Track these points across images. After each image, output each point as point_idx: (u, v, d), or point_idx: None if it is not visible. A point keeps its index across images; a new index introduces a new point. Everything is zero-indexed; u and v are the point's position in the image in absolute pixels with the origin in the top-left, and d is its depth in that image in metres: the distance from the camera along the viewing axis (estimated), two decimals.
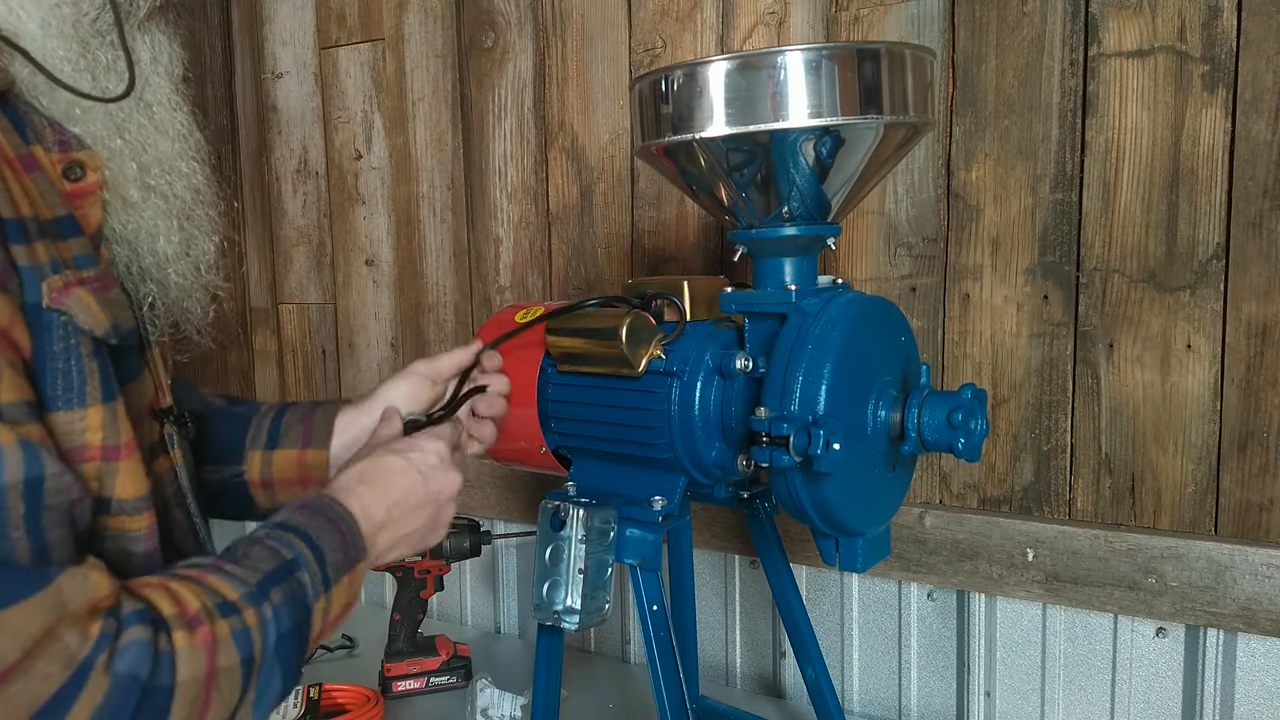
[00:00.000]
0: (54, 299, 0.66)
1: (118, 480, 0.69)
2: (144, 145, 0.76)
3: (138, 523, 0.72)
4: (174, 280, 0.79)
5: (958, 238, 1.31)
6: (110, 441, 0.69)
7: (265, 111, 1.95)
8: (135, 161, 0.76)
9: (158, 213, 0.77)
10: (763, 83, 0.88)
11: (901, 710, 1.41)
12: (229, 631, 0.66)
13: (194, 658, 0.63)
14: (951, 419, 0.92)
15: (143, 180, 0.76)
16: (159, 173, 0.77)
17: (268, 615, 0.69)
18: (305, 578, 0.72)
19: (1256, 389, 1.16)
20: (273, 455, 0.99)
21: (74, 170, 0.72)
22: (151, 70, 0.78)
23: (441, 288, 1.77)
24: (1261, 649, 1.17)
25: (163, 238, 0.77)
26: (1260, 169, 1.14)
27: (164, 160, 0.78)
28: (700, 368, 1.01)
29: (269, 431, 1.00)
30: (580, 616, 0.99)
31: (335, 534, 0.77)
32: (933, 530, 1.33)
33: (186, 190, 0.80)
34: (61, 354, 0.66)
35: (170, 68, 0.80)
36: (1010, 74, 1.26)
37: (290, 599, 0.71)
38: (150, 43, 0.78)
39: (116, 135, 0.75)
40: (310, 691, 1.40)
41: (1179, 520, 1.22)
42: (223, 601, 0.67)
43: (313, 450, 0.98)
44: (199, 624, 0.65)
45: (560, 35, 1.58)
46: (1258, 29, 1.12)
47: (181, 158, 0.80)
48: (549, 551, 1.01)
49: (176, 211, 0.79)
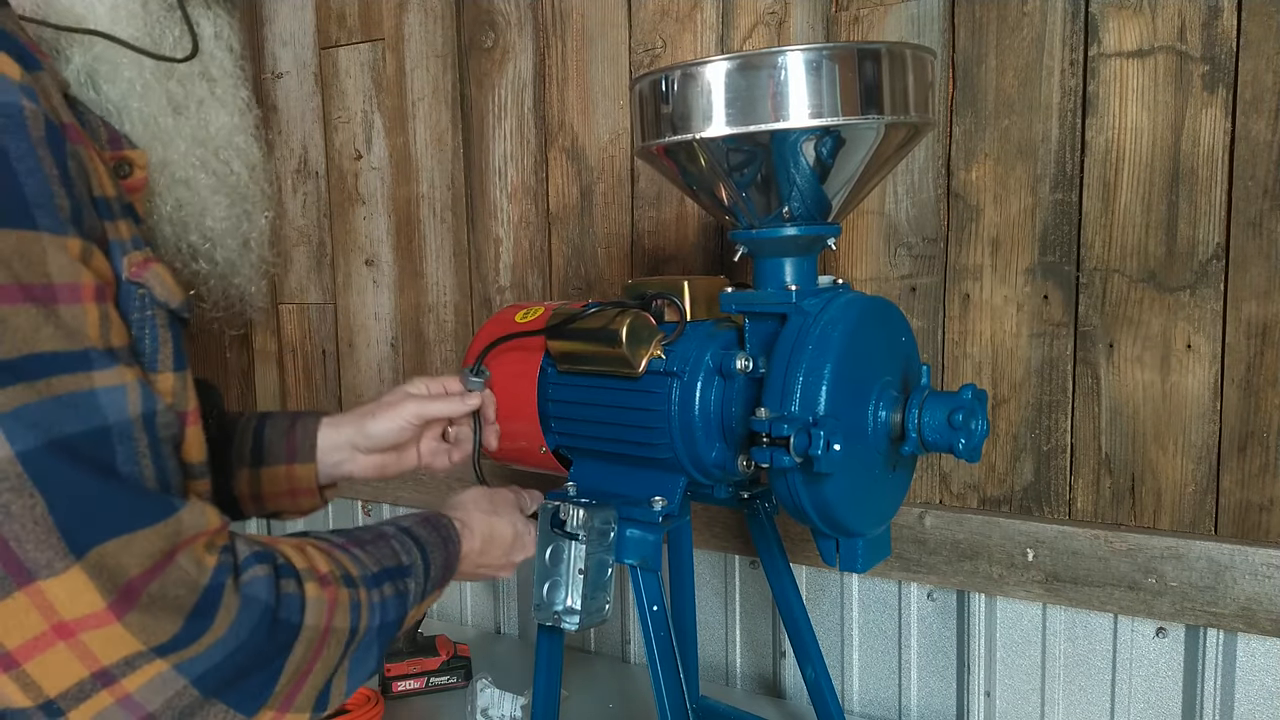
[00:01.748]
0: (134, 273, 0.70)
1: (187, 445, 0.73)
2: (202, 119, 0.79)
3: (204, 485, 0.76)
4: (220, 256, 0.82)
5: (958, 238, 1.31)
6: (181, 407, 0.72)
7: (265, 111, 1.95)
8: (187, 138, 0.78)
9: (206, 189, 0.80)
10: (763, 83, 0.88)
11: (901, 710, 1.41)
12: (349, 600, 0.73)
13: (319, 609, 0.70)
14: (952, 419, 0.92)
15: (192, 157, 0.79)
16: (214, 148, 0.80)
17: (377, 601, 0.76)
18: (411, 585, 0.81)
19: (1256, 389, 1.16)
20: (260, 473, 1.02)
21: (123, 167, 0.75)
22: (215, 45, 0.81)
23: (441, 288, 1.77)
24: (1261, 649, 1.17)
25: (210, 214, 0.80)
26: (1260, 169, 1.14)
27: (222, 133, 0.81)
28: (700, 368, 1.01)
29: (252, 448, 1.03)
30: (580, 617, 0.99)
31: (443, 553, 0.88)
32: (933, 530, 1.33)
33: (242, 165, 0.83)
34: (138, 323, 0.70)
35: (231, 44, 0.82)
36: (1010, 74, 1.26)
37: (396, 596, 0.79)
38: (212, 17, 0.81)
39: (171, 113, 0.77)
40: None
41: (1179, 520, 1.22)
42: (346, 574, 0.74)
43: (299, 465, 1.03)
44: (328, 583, 0.72)
45: (560, 35, 1.58)
46: (1258, 29, 1.12)
47: (239, 131, 0.82)
48: (549, 552, 1.01)
49: (229, 187, 0.82)
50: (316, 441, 1.03)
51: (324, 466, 1.04)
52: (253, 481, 1.02)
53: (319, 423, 1.04)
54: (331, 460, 1.04)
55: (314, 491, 1.04)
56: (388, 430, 1.04)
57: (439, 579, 0.87)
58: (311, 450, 1.03)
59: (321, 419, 1.05)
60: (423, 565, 0.84)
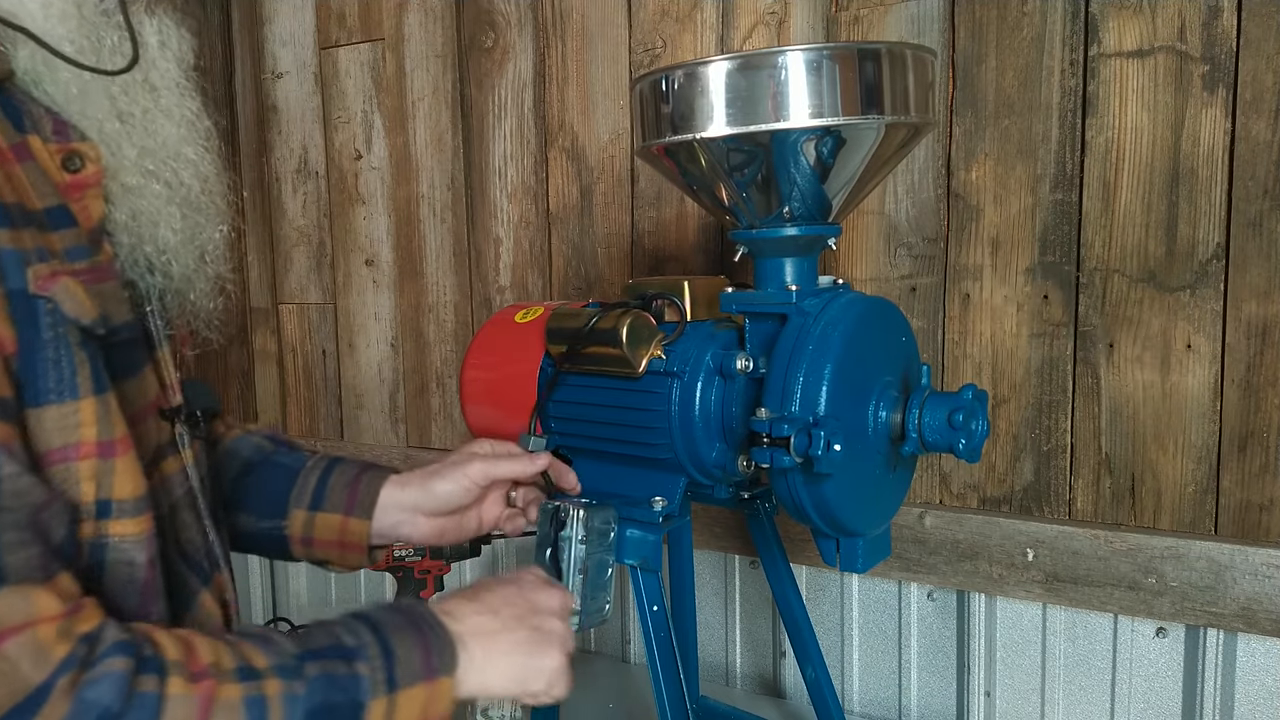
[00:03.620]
0: (40, 285, 0.64)
1: (115, 479, 0.68)
2: (147, 129, 0.75)
3: (138, 525, 0.69)
4: (176, 270, 0.78)
5: (958, 238, 1.31)
6: (105, 436, 0.67)
7: (265, 111, 1.95)
8: (136, 146, 0.74)
9: (159, 199, 0.76)
10: (763, 83, 0.88)
11: (901, 710, 1.41)
12: (240, 697, 0.62)
13: (184, 709, 0.60)
14: (952, 419, 0.91)
15: (143, 165, 0.75)
16: (163, 158, 0.76)
17: (297, 691, 0.64)
18: (363, 669, 0.67)
19: (1256, 389, 1.16)
20: (315, 517, 0.97)
21: (73, 161, 0.71)
22: (159, 54, 0.77)
23: (441, 288, 1.77)
24: (1261, 649, 1.17)
25: (164, 225, 0.76)
26: (1260, 169, 1.14)
27: (169, 145, 0.77)
28: (701, 368, 1.01)
29: (314, 491, 0.97)
30: (581, 617, 0.99)
31: (416, 635, 0.72)
32: (933, 530, 1.33)
33: (193, 178, 0.79)
34: (51, 343, 0.64)
35: (180, 53, 0.79)
36: (1010, 74, 1.26)
37: (331, 680, 0.66)
38: (158, 26, 0.77)
39: (115, 119, 0.73)
40: None
41: (1179, 520, 1.22)
42: (246, 666, 0.64)
43: (355, 519, 0.96)
44: (203, 677, 0.62)
45: (560, 35, 1.58)
46: (1258, 29, 1.12)
47: (188, 143, 0.78)
48: (549, 552, 1.00)
49: (180, 199, 0.77)
50: (378, 499, 0.97)
51: (381, 526, 0.97)
52: (307, 525, 0.97)
53: (385, 480, 0.98)
54: (390, 520, 0.97)
55: (364, 549, 0.98)
56: (453, 490, 0.97)
57: (420, 667, 0.70)
58: (370, 506, 0.96)
59: (389, 476, 0.99)
60: (379, 646, 0.69)
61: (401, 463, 1.80)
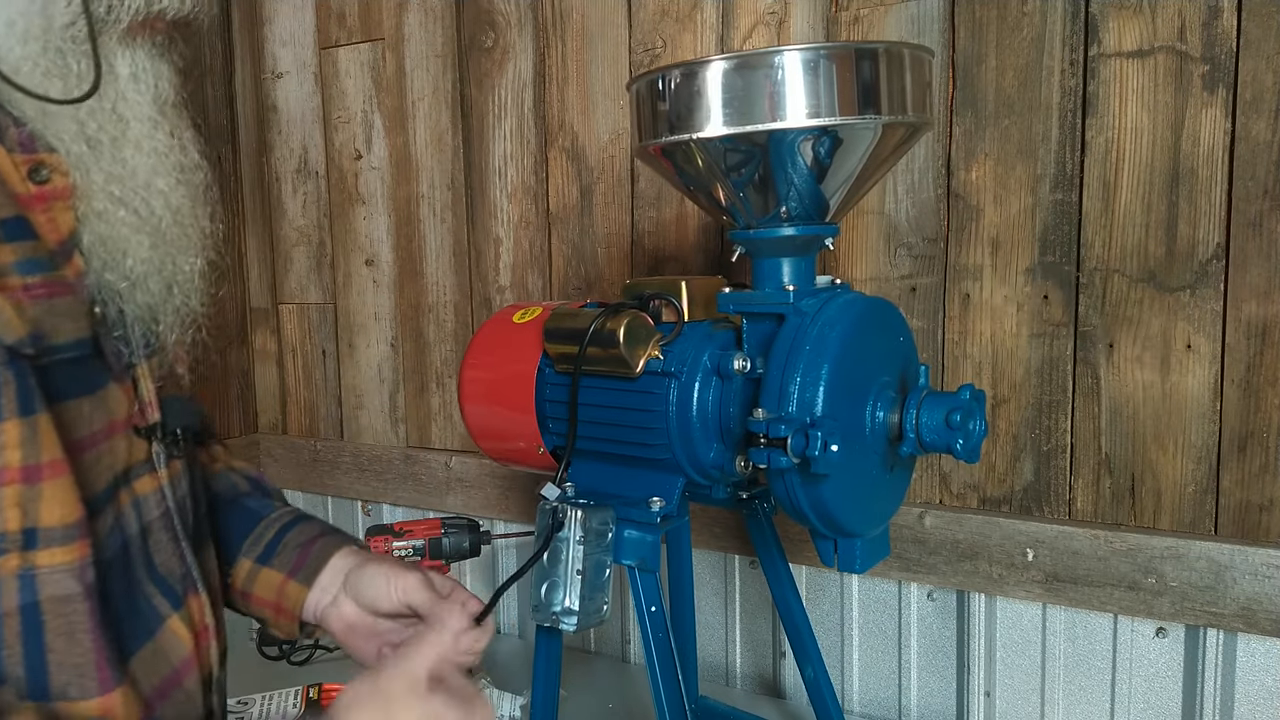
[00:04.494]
0: None
1: (43, 505, 0.64)
2: (115, 156, 0.73)
3: (68, 553, 0.66)
4: (141, 299, 0.75)
5: (958, 238, 1.31)
6: (31, 460, 0.64)
7: (265, 111, 1.95)
8: (104, 171, 0.72)
9: (127, 226, 0.73)
10: (760, 83, 0.88)
11: (901, 710, 1.41)
12: None
13: None
14: (950, 420, 0.91)
15: (109, 191, 0.72)
16: (132, 186, 0.74)
17: None
18: None
19: (1256, 389, 1.16)
20: (260, 571, 0.92)
21: (39, 172, 0.69)
22: (130, 86, 0.74)
23: (441, 288, 1.77)
24: (1261, 649, 1.17)
25: (131, 254, 0.74)
26: (1260, 169, 1.13)
27: (138, 175, 0.74)
28: (698, 368, 1.01)
29: (267, 544, 0.92)
30: (579, 618, 0.99)
31: None
32: (933, 530, 1.33)
33: (164, 208, 0.76)
34: None
35: (156, 88, 0.76)
36: (1010, 74, 1.25)
37: None
38: (131, 58, 0.74)
39: (83, 142, 0.71)
40: (310, 691, 1.40)
41: (1179, 520, 1.22)
42: None
43: (294, 583, 0.90)
44: None
45: (560, 35, 1.58)
46: (1258, 29, 1.12)
47: (159, 174, 0.76)
48: (547, 552, 1.00)
49: (150, 228, 0.75)
50: (325, 566, 0.90)
51: (315, 595, 0.90)
52: (249, 578, 0.92)
53: (340, 547, 0.91)
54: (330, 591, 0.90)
55: (294, 618, 0.90)
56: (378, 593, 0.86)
57: None
58: (314, 573, 0.90)
59: (345, 545, 0.92)
60: None
61: (402, 463, 1.81)
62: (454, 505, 1.74)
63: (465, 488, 1.74)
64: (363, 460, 1.87)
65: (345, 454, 1.89)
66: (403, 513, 1.84)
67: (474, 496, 1.72)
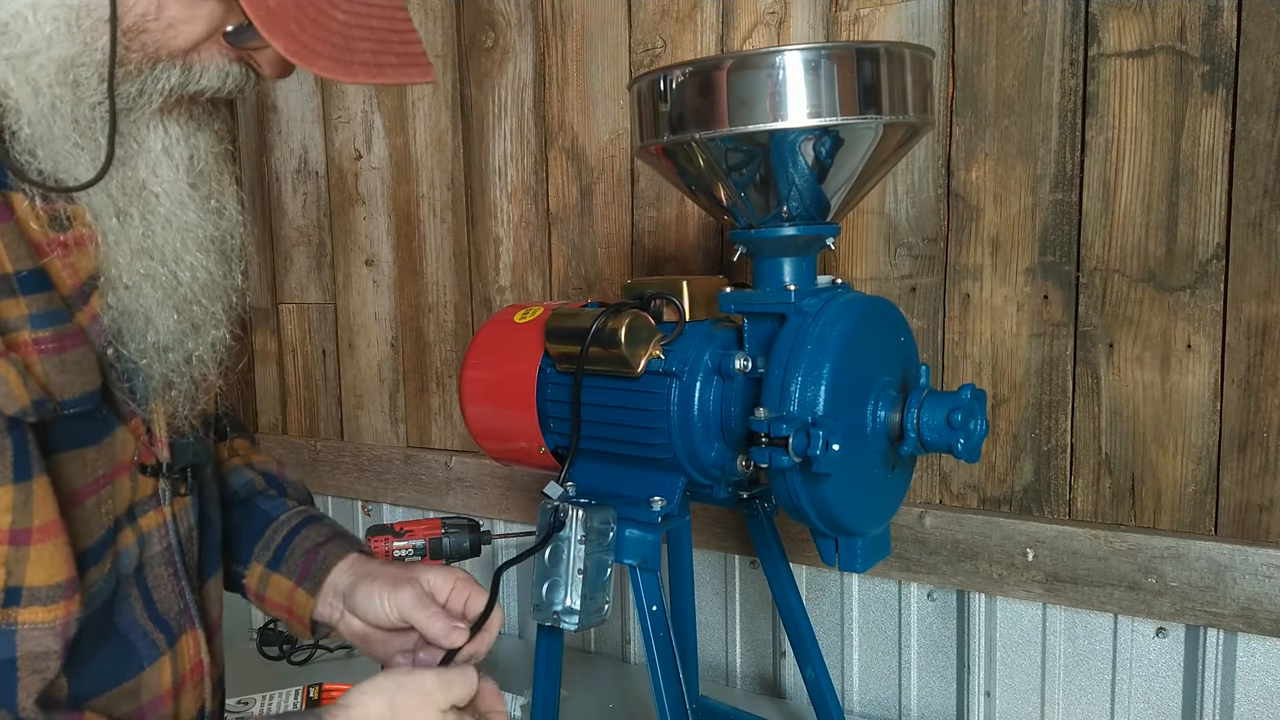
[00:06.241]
0: None
1: (29, 567, 0.64)
2: (145, 232, 0.72)
3: (51, 613, 0.66)
4: (157, 370, 0.75)
5: (958, 238, 1.31)
6: (21, 525, 0.63)
7: (265, 111, 1.95)
8: (131, 246, 0.71)
9: (153, 301, 0.73)
10: (761, 82, 0.88)
11: (901, 710, 1.41)
12: None
13: None
14: (951, 419, 0.91)
15: (135, 268, 0.72)
16: (160, 260, 0.73)
17: None
18: None
19: (1256, 389, 1.16)
20: (271, 576, 0.93)
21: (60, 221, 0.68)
22: (162, 160, 0.73)
23: (441, 288, 1.77)
24: (1261, 649, 1.17)
25: (154, 329, 0.73)
26: (1260, 169, 1.14)
27: (166, 249, 0.73)
28: (699, 368, 1.01)
29: (277, 548, 0.93)
30: (579, 617, 0.99)
31: None
32: (933, 530, 1.33)
33: (192, 281, 0.75)
34: None
35: (191, 160, 0.75)
36: (1010, 74, 1.26)
37: None
38: (164, 132, 0.73)
39: (113, 215, 0.70)
40: (310, 691, 1.40)
41: (1179, 520, 1.22)
42: None
43: (303, 591, 0.92)
44: None
45: (560, 35, 1.58)
46: (1258, 29, 1.12)
47: (188, 250, 0.75)
48: (548, 552, 1.00)
49: (175, 301, 0.74)
50: (327, 577, 0.91)
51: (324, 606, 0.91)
52: (262, 582, 0.93)
53: (344, 556, 0.92)
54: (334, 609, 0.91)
55: (306, 624, 0.92)
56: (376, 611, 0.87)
57: None
58: (318, 584, 0.91)
59: (349, 553, 0.93)
60: None
61: (402, 463, 1.81)
62: (454, 505, 1.74)
63: (465, 488, 1.74)
64: (363, 460, 1.87)
65: (345, 454, 1.89)
66: (403, 513, 1.84)
67: (474, 496, 1.72)
